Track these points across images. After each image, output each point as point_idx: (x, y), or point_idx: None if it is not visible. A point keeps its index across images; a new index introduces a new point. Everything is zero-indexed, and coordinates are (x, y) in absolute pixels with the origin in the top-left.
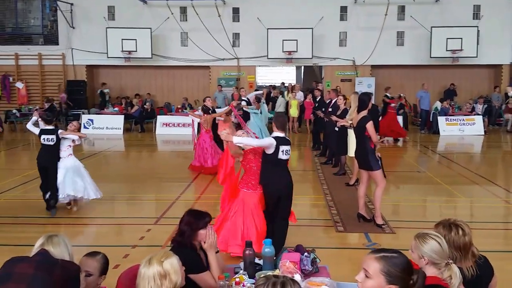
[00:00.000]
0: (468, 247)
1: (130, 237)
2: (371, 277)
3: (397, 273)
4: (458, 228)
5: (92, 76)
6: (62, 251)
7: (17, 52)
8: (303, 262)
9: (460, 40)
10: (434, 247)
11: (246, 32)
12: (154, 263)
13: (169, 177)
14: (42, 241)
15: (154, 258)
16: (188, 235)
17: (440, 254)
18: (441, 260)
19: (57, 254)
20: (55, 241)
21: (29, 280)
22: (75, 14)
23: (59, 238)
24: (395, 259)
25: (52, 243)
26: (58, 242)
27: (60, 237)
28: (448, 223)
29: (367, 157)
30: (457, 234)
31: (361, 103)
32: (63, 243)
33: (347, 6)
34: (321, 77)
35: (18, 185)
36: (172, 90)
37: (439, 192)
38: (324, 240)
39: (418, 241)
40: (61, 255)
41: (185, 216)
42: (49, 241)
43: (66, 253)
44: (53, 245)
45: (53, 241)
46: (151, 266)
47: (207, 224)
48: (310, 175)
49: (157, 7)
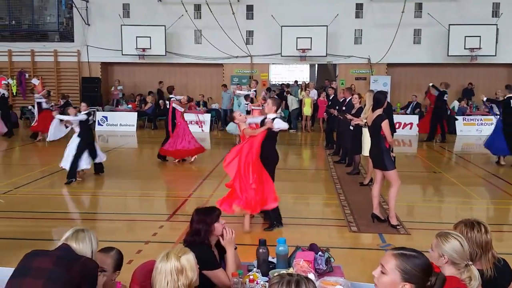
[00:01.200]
0: (489, 246)
1: (143, 233)
2: (387, 273)
3: (414, 272)
4: (480, 225)
5: (106, 73)
6: (85, 247)
7: (33, 49)
8: (317, 261)
9: (479, 38)
10: (455, 247)
11: (260, 30)
12: (172, 258)
13: (181, 174)
14: (68, 234)
15: (171, 253)
16: (204, 232)
17: (461, 254)
18: (461, 260)
19: (79, 250)
20: (80, 237)
21: (47, 275)
22: (90, 12)
23: (85, 234)
24: (415, 259)
25: (76, 238)
26: (83, 238)
27: (87, 232)
28: (470, 221)
29: (381, 157)
30: (480, 231)
31: (376, 102)
32: (88, 240)
33: (363, 3)
34: (335, 75)
35: (33, 181)
36: (185, 87)
37: (455, 193)
38: (337, 240)
39: (440, 239)
40: (83, 251)
41: (195, 216)
42: (74, 236)
43: (89, 250)
44: (77, 240)
45: (78, 237)
46: (168, 261)
47: (219, 216)
48: (323, 174)
49: (171, 5)
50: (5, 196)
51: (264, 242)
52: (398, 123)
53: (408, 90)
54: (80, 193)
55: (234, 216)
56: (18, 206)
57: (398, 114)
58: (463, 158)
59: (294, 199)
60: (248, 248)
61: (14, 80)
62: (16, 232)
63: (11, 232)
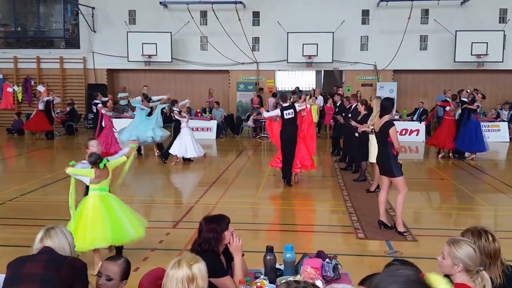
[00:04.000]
0: (497, 254)
1: (149, 240)
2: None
3: None
4: (488, 234)
5: (112, 80)
6: (61, 241)
7: (38, 56)
8: (325, 268)
9: (486, 44)
10: (469, 253)
11: (266, 36)
12: (184, 266)
13: (187, 181)
14: (41, 235)
15: (183, 261)
16: (215, 241)
17: (475, 261)
18: (474, 267)
19: (58, 246)
20: (53, 234)
21: (40, 279)
22: (96, 18)
23: (57, 229)
24: None
25: (50, 236)
26: (56, 234)
27: (58, 228)
28: (477, 229)
29: (389, 163)
30: (487, 240)
31: (383, 108)
32: (61, 234)
33: (369, 9)
34: (342, 82)
35: (38, 188)
36: (191, 94)
37: (462, 200)
38: (344, 246)
39: (453, 246)
40: (61, 246)
41: (204, 225)
42: (47, 234)
43: (66, 244)
44: (51, 238)
45: (51, 234)
46: (180, 268)
47: (228, 224)
48: (329, 181)
49: (177, 11)
50: (11, 203)
51: (272, 249)
52: (404, 130)
53: (414, 96)
54: None
55: (241, 223)
56: (23, 213)
57: (404, 120)
58: (470, 164)
59: (301, 205)
60: (255, 255)
61: (20, 87)
62: (21, 240)
63: (16, 239)
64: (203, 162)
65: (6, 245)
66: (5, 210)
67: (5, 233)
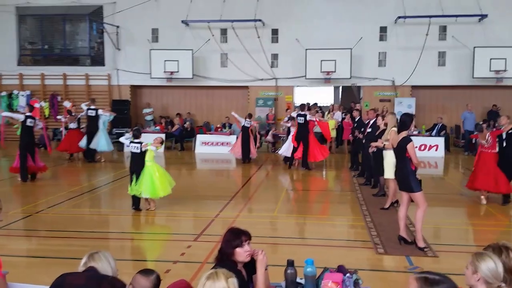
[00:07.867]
0: None
1: (171, 252)
2: None
3: None
4: (509, 250)
5: (135, 96)
6: (105, 266)
7: (65, 73)
8: (345, 283)
9: (504, 60)
10: (490, 266)
11: (284, 53)
12: (222, 278)
13: (208, 194)
14: (85, 260)
15: (221, 273)
16: (226, 253)
17: (494, 275)
18: (494, 280)
19: (101, 269)
20: (97, 258)
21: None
22: (120, 36)
23: (100, 254)
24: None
25: (93, 259)
26: (100, 258)
27: (101, 253)
28: (498, 246)
29: (407, 179)
30: (508, 257)
31: (401, 124)
32: (104, 259)
33: (387, 26)
34: (360, 97)
35: (64, 200)
36: (211, 109)
37: (483, 216)
38: (364, 262)
39: (476, 257)
40: (104, 269)
41: (225, 234)
42: (91, 258)
43: (108, 268)
44: (95, 261)
45: (94, 258)
46: (218, 280)
47: (244, 242)
48: (348, 195)
49: (198, 29)
50: (37, 215)
51: (292, 263)
52: (423, 145)
53: (433, 112)
54: (109, 213)
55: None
56: (50, 225)
57: (423, 136)
58: None
59: (320, 220)
60: (275, 269)
61: (47, 102)
62: (48, 251)
63: (43, 251)
64: (222, 176)
65: (34, 256)
66: (32, 223)
67: (32, 245)
